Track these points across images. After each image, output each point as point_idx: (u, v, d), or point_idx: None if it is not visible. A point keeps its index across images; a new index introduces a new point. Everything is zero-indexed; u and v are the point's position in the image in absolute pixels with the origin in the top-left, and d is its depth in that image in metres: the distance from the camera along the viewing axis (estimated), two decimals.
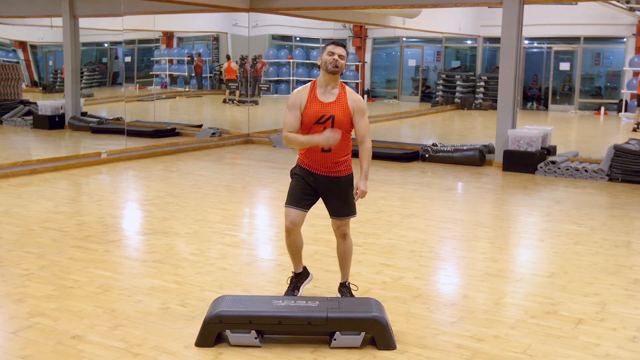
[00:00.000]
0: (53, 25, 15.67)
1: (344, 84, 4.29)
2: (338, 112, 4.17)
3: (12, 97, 15.98)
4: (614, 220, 7.26)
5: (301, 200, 4.28)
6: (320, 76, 4.25)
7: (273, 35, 24.51)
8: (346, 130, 4.21)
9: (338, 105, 4.18)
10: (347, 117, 4.19)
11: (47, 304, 4.39)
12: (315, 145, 4.16)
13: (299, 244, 4.42)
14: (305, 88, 4.28)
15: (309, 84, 4.30)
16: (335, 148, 4.18)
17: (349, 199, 4.30)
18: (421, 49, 24.45)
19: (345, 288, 4.48)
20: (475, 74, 23.05)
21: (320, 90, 4.23)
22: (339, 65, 4.16)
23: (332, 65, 4.14)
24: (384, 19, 17.53)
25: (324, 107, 4.18)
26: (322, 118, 4.16)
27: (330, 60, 4.15)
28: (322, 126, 4.15)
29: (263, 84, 21.17)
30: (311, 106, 4.19)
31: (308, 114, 4.19)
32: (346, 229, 4.36)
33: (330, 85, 4.21)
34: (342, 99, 4.20)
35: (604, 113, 20.45)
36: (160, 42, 23.23)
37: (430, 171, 10.18)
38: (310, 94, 4.22)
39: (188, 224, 6.61)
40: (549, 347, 3.85)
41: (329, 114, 4.16)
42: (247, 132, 13.39)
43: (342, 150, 4.23)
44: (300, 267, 4.56)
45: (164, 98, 21.51)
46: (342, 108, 4.18)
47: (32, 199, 7.68)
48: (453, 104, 22.37)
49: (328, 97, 4.20)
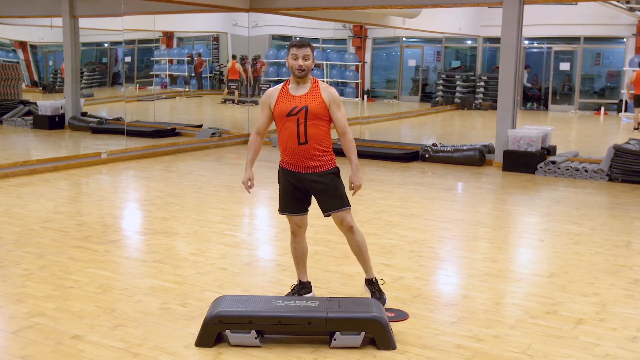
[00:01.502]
0: (53, 25, 15.67)
1: (316, 79, 4.28)
2: (311, 102, 4.14)
3: (12, 97, 15.98)
4: (614, 220, 7.26)
5: (295, 205, 4.28)
6: (291, 77, 4.25)
7: (273, 35, 24.52)
8: (321, 122, 4.16)
9: (311, 96, 4.16)
10: (322, 108, 4.16)
11: (47, 304, 4.39)
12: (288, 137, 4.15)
13: (304, 248, 4.43)
14: (277, 87, 4.30)
15: (282, 84, 4.31)
16: (312, 139, 4.14)
17: (338, 190, 4.24)
18: (421, 49, 24.45)
19: (373, 285, 4.43)
20: (475, 74, 23.05)
21: (292, 87, 4.23)
22: (305, 68, 4.14)
23: (299, 71, 4.14)
24: (383, 19, 17.53)
25: (295, 99, 4.17)
26: (294, 110, 4.13)
27: (295, 66, 4.14)
28: (295, 117, 4.12)
29: (263, 84, 21.18)
30: (281, 101, 4.19)
31: (279, 108, 4.18)
32: (350, 222, 4.27)
33: (302, 83, 4.21)
34: (315, 90, 4.19)
35: (604, 113, 20.46)
36: (160, 42, 23.24)
37: (430, 171, 10.18)
38: (281, 90, 4.24)
39: (188, 224, 6.61)
40: (549, 347, 3.85)
41: (302, 105, 4.13)
42: (247, 132, 13.39)
43: (319, 144, 4.18)
44: (306, 277, 4.54)
45: (164, 98, 21.51)
46: (316, 99, 4.15)
47: (32, 199, 7.68)
48: (453, 104, 22.36)
49: (300, 90, 4.20)
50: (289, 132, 4.16)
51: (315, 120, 4.14)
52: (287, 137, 4.18)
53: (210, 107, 21.55)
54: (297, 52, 4.14)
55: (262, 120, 4.30)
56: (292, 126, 4.14)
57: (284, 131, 4.19)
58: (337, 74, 23.31)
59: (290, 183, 4.25)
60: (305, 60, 4.13)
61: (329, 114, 4.19)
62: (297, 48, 4.15)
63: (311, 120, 4.13)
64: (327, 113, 4.18)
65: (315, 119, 4.13)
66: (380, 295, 4.40)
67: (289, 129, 4.16)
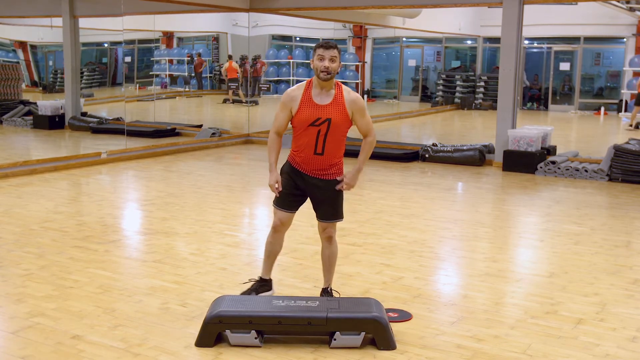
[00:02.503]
0: (53, 26, 15.67)
1: (340, 83, 4.14)
2: (335, 114, 4.03)
3: (12, 97, 15.98)
4: (614, 220, 7.26)
5: (289, 202, 4.21)
6: (315, 78, 4.08)
7: (273, 35, 24.52)
8: (341, 133, 4.09)
9: (335, 107, 4.03)
10: (345, 121, 4.06)
11: (47, 304, 4.39)
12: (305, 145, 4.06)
13: (279, 246, 4.35)
14: (300, 87, 4.12)
15: (304, 83, 4.13)
16: (329, 151, 4.07)
17: (338, 201, 4.20)
18: (421, 49, 24.45)
19: (327, 294, 4.36)
20: (475, 74, 23.05)
21: (315, 91, 4.07)
22: (331, 71, 3.98)
23: (324, 74, 3.98)
24: (383, 19, 17.53)
25: (320, 109, 4.03)
26: (318, 121, 4.02)
27: (321, 68, 3.98)
28: (317, 129, 4.02)
29: (263, 84, 21.18)
30: (304, 109, 4.04)
31: (300, 117, 4.05)
32: (332, 232, 4.25)
33: (326, 88, 4.06)
34: (339, 100, 4.05)
35: (604, 113, 20.46)
36: (160, 42, 23.23)
37: (430, 171, 10.18)
38: (304, 95, 4.07)
39: (188, 224, 6.61)
40: (549, 347, 3.85)
41: (325, 117, 4.01)
42: (247, 132, 13.39)
43: (335, 154, 4.11)
44: (269, 275, 4.43)
45: (164, 98, 21.51)
46: (340, 110, 4.04)
47: (32, 199, 7.68)
48: (453, 104, 22.37)
49: (324, 98, 4.05)
50: (308, 140, 4.06)
51: (336, 131, 4.05)
52: (304, 144, 4.08)
53: (210, 107, 21.55)
54: (324, 53, 3.98)
55: (282, 120, 4.13)
56: (312, 135, 4.04)
57: (302, 138, 4.09)
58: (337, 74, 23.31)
59: (292, 180, 4.17)
60: (332, 62, 3.98)
61: (350, 123, 4.11)
62: (325, 49, 3.99)
63: (332, 133, 4.03)
64: (350, 123, 4.10)
65: (336, 131, 4.04)
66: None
67: (307, 137, 4.06)
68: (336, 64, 4.01)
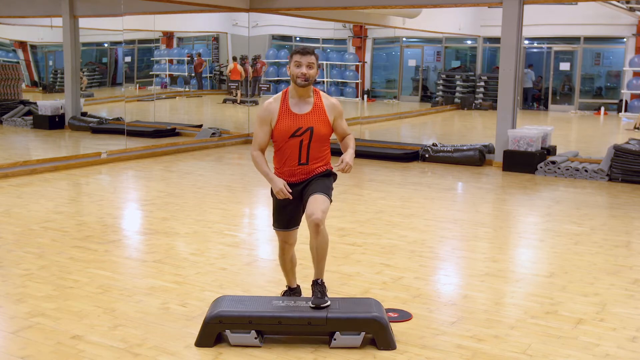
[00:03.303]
0: (53, 26, 15.67)
1: (317, 89, 4.01)
2: (317, 123, 3.90)
3: (12, 97, 15.98)
4: (613, 221, 7.26)
5: (288, 221, 4.05)
6: (291, 87, 3.93)
7: (273, 35, 24.53)
8: (325, 140, 3.97)
9: (316, 115, 3.91)
10: (327, 127, 3.94)
11: (47, 304, 4.39)
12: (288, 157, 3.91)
13: (294, 261, 4.25)
14: (277, 100, 3.96)
15: (280, 95, 3.98)
16: (313, 158, 3.93)
17: (325, 182, 3.95)
18: (421, 49, 24.45)
19: (318, 286, 3.90)
20: (475, 74, 23.06)
21: (292, 102, 3.93)
22: (309, 77, 3.85)
23: (302, 80, 3.84)
24: (384, 19, 17.53)
25: (299, 119, 3.90)
26: (299, 131, 3.88)
27: (298, 74, 3.84)
28: (299, 139, 3.87)
29: (263, 84, 21.19)
30: (283, 120, 3.90)
31: (280, 129, 3.90)
32: (319, 219, 3.77)
33: (304, 96, 3.93)
34: (319, 106, 3.94)
35: (604, 113, 20.46)
36: (160, 42, 23.25)
37: (430, 171, 10.18)
38: (281, 106, 3.93)
39: (188, 224, 6.61)
40: (549, 347, 3.85)
41: (307, 126, 3.88)
42: (247, 132, 13.39)
43: (320, 161, 3.97)
44: (295, 283, 4.34)
45: (164, 98, 21.51)
46: (321, 118, 3.92)
47: (32, 199, 7.68)
48: (453, 104, 22.37)
49: (303, 107, 3.92)
50: (290, 152, 3.93)
51: (320, 139, 3.93)
52: (287, 156, 3.94)
53: (210, 107, 21.55)
54: (300, 59, 3.86)
55: (263, 137, 3.96)
56: (294, 147, 3.91)
57: (283, 151, 3.95)
58: (337, 74, 23.33)
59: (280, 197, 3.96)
60: (309, 69, 3.86)
61: (331, 129, 4.00)
62: (301, 55, 3.87)
63: (315, 140, 3.91)
64: (331, 129, 3.99)
65: (319, 139, 3.92)
66: (322, 296, 3.88)
67: (289, 149, 3.92)
68: (314, 70, 3.89)
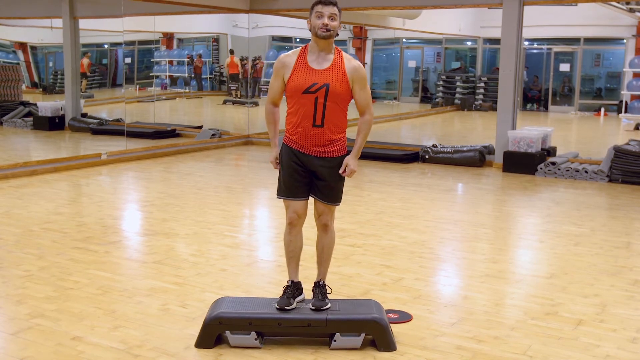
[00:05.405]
0: (53, 27, 15.66)
1: (339, 49, 3.76)
2: (333, 80, 3.65)
3: (12, 98, 15.98)
4: (614, 222, 7.26)
5: (297, 189, 3.80)
6: (312, 42, 3.72)
7: (273, 36, 24.52)
8: (342, 103, 3.71)
9: (334, 72, 3.66)
10: (345, 87, 3.68)
11: (47, 305, 4.38)
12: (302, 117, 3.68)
13: (301, 241, 3.93)
14: (295, 53, 3.75)
15: (299, 49, 3.75)
16: (328, 123, 3.69)
17: (337, 185, 3.83)
18: (421, 50, 24.45)
19: (319, 288, 3.90)
20: (475, 75, 23.07)
21: (311, 57, 3.70)
22: (331, 28, 3.63)
23: (323, 30, 3.62)
24: (383, 20, 17.53)
25: (316, 74, 3.66)
26: (313, 87, 3.63)
27: (319, 25, 3.62)
28: (314, 96, 3.64)
29: (263, 85, 21.19)
30: (298, 74, 3.67)
31: (294, 83, 3.67)
32: (328, 220, 3.83)
33: (324, 51, 3.69)
34: (339, 65, 3.68)
35: (604, 114, 20.46)
36: (160, 43, 23.24)
37: (430, 172, 10.18)
38: (298, 60, 3.71)
39: (188, 225, 6.61)
40: (549, 348, 3.85)
41: (322, 82, 3.63)
42: (247, 134, 13.39)
43: (336, 127, 3.73)
44: (298, 276, 4.00)
45: (164, 99, 21.50)
46: (339, 76, 3.66)
47: (32, 200, 7.68)
48: (453, 105, 22.38)
49: (322, 63, 3.68)
50: (304, 111, 3.69)
51: (336, 100, 3.68)
52: (300, 116, 3.70)
53: (211, 108, 21.55)
54: (322, 9, 3.64)
55: (276, 89, 3.77)
56: (309, 105, 3.67)
57: (297, 109, 3.71)
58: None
59: (295, 163, 3.77)
60: (331, 20, 3.63)
61: (351, 93, 3.74)
62: (323, 5, 3.64)
63: (331, 100, 3.66)
64: (350, 92, 3.72)
65: (335, 99, 3.67)
66: (322, 298, 3.87)
67: (304, 107, 3.68)
68: (336, 22, 3.67)
